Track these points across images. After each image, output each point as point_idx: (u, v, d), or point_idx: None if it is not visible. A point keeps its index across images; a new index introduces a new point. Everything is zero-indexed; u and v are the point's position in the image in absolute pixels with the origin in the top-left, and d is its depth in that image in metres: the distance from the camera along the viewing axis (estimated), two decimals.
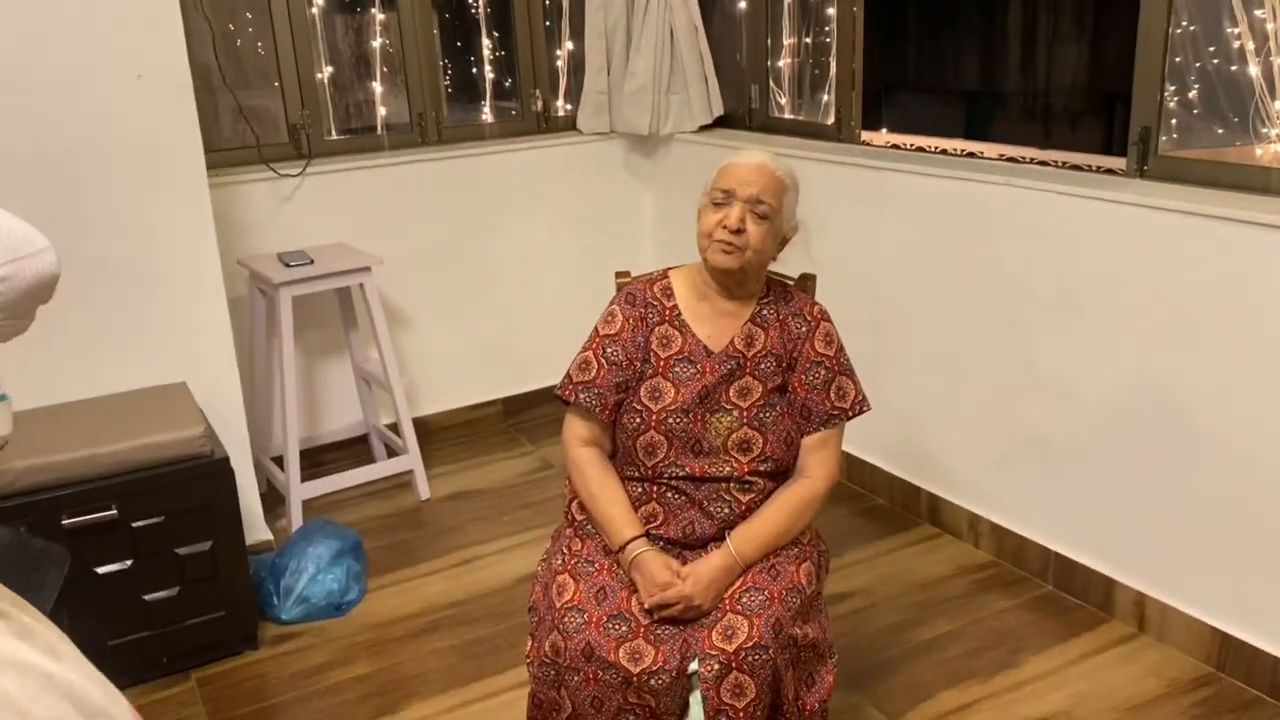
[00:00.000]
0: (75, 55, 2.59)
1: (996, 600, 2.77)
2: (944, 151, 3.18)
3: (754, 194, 1.88)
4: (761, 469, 1.92)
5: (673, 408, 1.90)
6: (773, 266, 2.02)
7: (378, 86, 3.74)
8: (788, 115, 3.80)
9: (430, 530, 3.27)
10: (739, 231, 1.87)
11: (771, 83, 3.81)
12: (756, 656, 1.72)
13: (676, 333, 1.96)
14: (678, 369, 1.93)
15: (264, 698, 2.50)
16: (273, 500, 3.36)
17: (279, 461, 3.35)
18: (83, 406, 2.68)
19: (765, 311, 1.98)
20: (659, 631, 1.77)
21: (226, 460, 2.58)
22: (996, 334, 2.85)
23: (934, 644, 2.59)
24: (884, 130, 3.66)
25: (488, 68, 3.98)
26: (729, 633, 1.74)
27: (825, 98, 3.61)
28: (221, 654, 2.64)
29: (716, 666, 1.71)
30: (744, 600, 1.80)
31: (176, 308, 2.85)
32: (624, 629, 1.76)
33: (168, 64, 2.70)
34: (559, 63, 4.04)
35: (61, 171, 2.63)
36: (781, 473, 1.96)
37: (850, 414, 1.97)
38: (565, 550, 1.96)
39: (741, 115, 3.91)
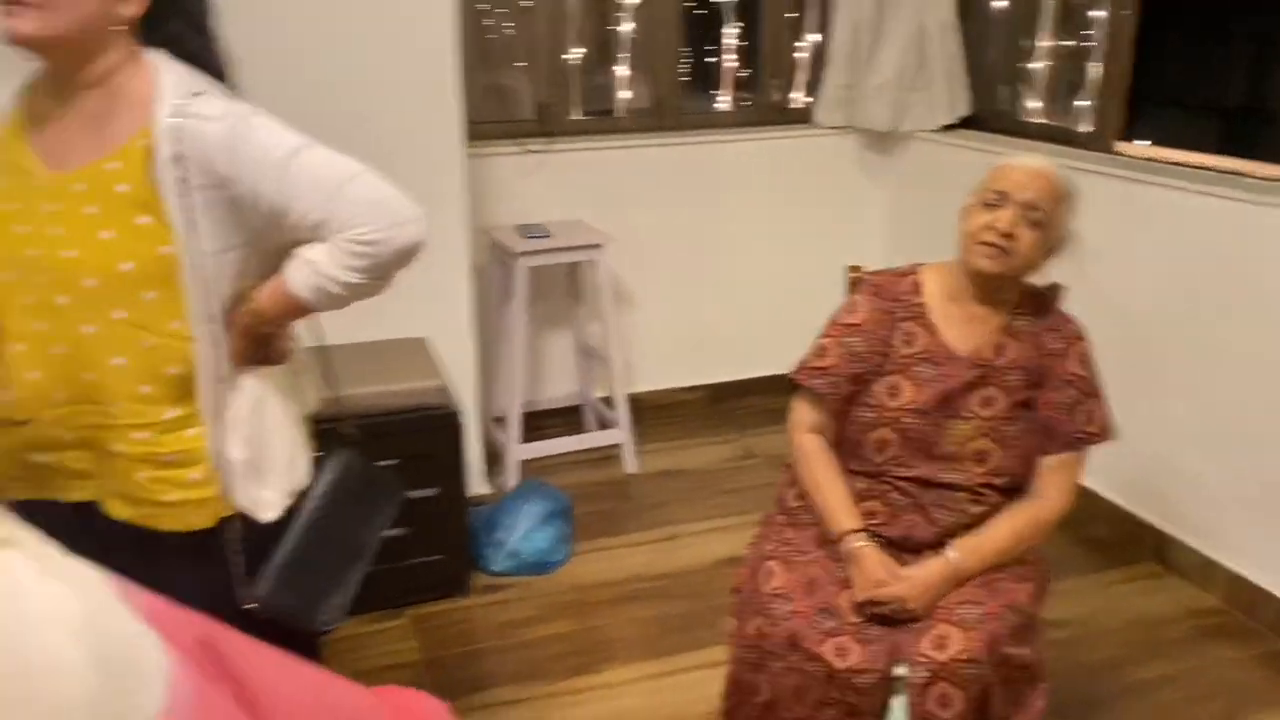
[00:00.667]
0: (353, 28, 2.80)
1: (1222, 650, 2.60)
2: (1207, 168, 2.97)
3: (1029, 199, 1.80)
4: (996, 483, 1.87)
5: (910, 407, 1.87)
6: None
7: (621, 70, 3.84)
8: (1036, 120, 3.64)
9: (636, 503, 3.35)
10: (1009, 235, 1.79)
11: (1020, 85, 3.66)
12: (969, 670, 1.68)
13: (922, 331, 1.91)
14: (919, 368, 1.89)
15: (471, 641, 2.65)
16: (488, 457, 3.52)
17: (499, 421, 3.51)
18: (333, 352, 2.88)
19: (1019, 322, 1.90)
20: (867, 630, 1.76)
21: (458, 414, 2.73)
22: (1259, 369, 2.65)
23: (1148, 686, 2.46)
24: (1134, 142, 3.46)
25: (729, 56, 4.01)
26: (941, 642, 1.71)
27: (1078, 104, 3.44)
28: (435, 595, 2.79)
29: (925, 674, 1.69)
30: (960, 612, 1.76)
31: (425, 269, 2.93)
32: (831, 623, 1.76)
33: (437, 39, 2.88)
34: (800, 55, 4.03)
35: (335, 137, 2.83)
36: (1015, 489, 1.89)
37: (1096, 440, 1.88)
38: (777, 537, 1.97)
39: (987, 117, 3.78)
